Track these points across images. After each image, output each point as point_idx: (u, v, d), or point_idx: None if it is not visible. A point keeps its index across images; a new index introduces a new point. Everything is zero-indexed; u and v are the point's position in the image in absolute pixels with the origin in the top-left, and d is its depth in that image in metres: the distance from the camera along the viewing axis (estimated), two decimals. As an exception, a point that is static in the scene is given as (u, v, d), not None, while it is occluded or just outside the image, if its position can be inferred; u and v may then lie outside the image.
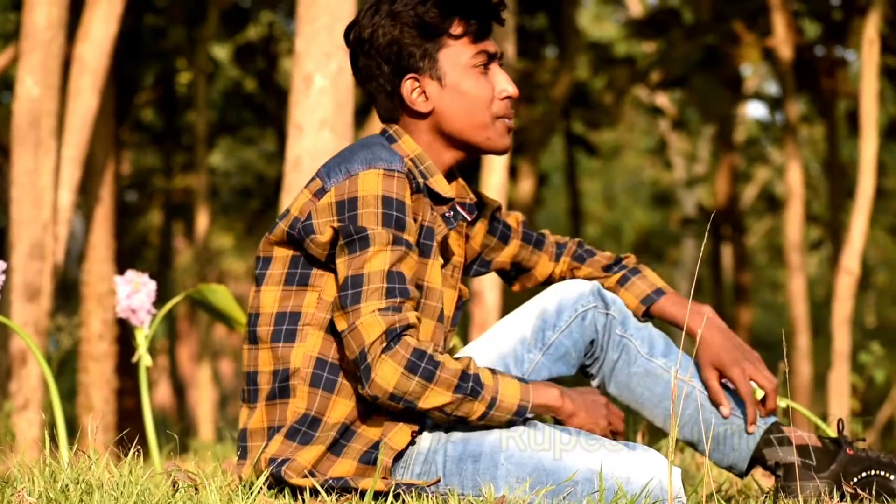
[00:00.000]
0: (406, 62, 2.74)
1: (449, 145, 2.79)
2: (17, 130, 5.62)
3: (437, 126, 2.77)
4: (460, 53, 2.76)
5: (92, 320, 7.61)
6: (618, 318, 2.90)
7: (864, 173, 7.55)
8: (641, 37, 11.34)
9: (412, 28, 2.73)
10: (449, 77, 2.75)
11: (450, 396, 2.58)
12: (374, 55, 2.74)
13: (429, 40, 2.74)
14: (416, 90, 2.75)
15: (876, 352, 5.56)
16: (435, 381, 2.57)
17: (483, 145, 2.80)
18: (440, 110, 2.76)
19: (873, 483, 2.86)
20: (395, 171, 2.64)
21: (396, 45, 2.73)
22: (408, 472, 2.71)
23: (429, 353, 2.56)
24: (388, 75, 2.75)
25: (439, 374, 2.57)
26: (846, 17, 9.84)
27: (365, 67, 2.77)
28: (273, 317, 2.72)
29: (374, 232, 2.60)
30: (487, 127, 2.78)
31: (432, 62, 2.75)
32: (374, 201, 2.62)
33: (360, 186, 2.63)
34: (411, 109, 2.76)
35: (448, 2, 2.74)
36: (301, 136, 4.40)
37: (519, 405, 2.64)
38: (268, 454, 2.68)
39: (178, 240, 16.56)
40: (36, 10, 5.65)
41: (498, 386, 2.63)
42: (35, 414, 5.50)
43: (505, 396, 2.63)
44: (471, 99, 2.76)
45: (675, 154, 17.04)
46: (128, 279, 3.62)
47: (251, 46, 11.86)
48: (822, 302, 15.85)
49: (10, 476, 2.81)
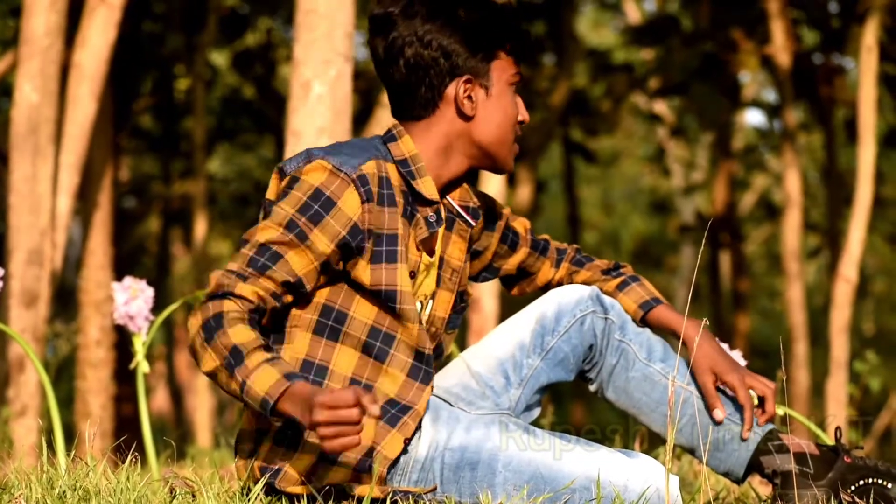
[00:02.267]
0: (464, 63, 2.76)
1: (467, 153, 2.80)
2: (16, 137, 5.62)
3: (469, 132, 2.78)
4: (506, 69, 2.80)
5: (90, 327, 7.61)
6: (616, 322, 2.90)
7: (863, 181, 7.56)
8: (640, 44, 11.35)
9: (475, 33, 2.76)
10: (495, 89, 2.79)
11: (216, 363, 2.51)
12: (435, 48, 2.74)
13: (486, 49, 2.77)
14: (467, 92, 2.76)
15: (871, 360, 5.56)
16: (211, 344, 2.51)
17: (500, 161, 2.83)
18: (481, 118, 2.78)
19: (871, 491, 2.86)
20: (342, 172, 2.64)
21: (458, 45, 2.75)
22: (405, 479, 2.71)
23: (226, 318, 2.52)
24: (442, 70, 2.76)
25: (216, 338, 2.51)
26: (844, 25, 9.84)
27: (418, 57, 2.75)
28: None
29: (280, 210, 2.63)
30: (509, 144, 2.82)
31: (486, 70, 2.77)
32: (307, 188, 2.64)
33: (306, 171, 2.66)
34: (457, 110, 2.77)
35: (507, 19, 2.79)
36: (299, 143, 4.40)
37: (263, 398, 2.47)
38: (259, 462, 2.67)
39: (176, 246, 16.56)
40: (34, 16, 5.66)
41: (253, 373, 2.48)
42: (32, 420, 5.50)
43: (255, 384, 2.48)
44: (506, 115, 2.80)
45: (673, 161, 17.05)
46: (126, 286, 3.62)
47: (250, 53, 11.86)
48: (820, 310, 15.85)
49: (8, 482, 2.81)
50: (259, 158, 15.18)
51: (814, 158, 16.81)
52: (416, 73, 2.75)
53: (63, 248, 5.99)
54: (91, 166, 7.32)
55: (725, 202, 12.55)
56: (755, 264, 20.33)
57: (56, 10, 5.68)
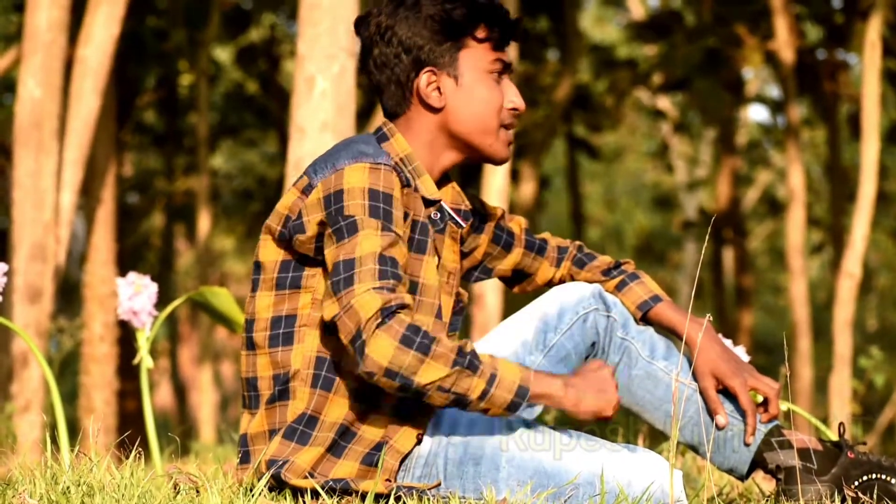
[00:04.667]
0: (427, 55, 2.75)
1: (450, 146, 2.80)
2: (19, 132, 5.62)
3: (445, 124, 2.77)
4: (480, 57, 2.78)
5: (93, 322, 7.61)
6: (619, 320, 2.89)
7: (866, 177, 7.56)
8: (643, 40, 11.35)
9: (438, 24, 2.75)
10: (465, 77, 2.77)
11: (447, 370, 2.53)
12: (396, 44, 2.75)
13: (452, 38, 2.76)
14: (432, 84, 2.76)
15: (875, 356, 5.56)
16: (431, 354, 2.52)
17: (485, 151, 2.81)
18: (451, 108, 2.77)
19: (874, 487, 2.86)
20: (380, 165, 2.65)
21: (419, 38, 2.75)
22: (408, 474, 2.71)
23: (424, 329, 2.53)
24: (405, 66, 2.76)
25: (435, 347, 2.53)
26: (848, 21, 9.84)
27: (382, 56, 2.77)
28: (269, 322, 2.72)
29: (362, 219, 2.60)
30: (492, 133, 2.80)
31: (452, 60, 2.76)
32: (361, 193, 2.62)
33: (346, 180, 2.63)
34: (424, 102, 2.76)
35: (476, 6, 2.77)
36: (303, 139, 4.40)
37: (520, 385, 2.58)
38: (267, 455, 2.67)
39: (179, 242, 16.56)
40: (38, 11, 5.66)
41: (497, 364, 2.59)
42: (36, 416, 5.51)
43: (505, 374, 2.58)
44: (483, 103, 2.78)
45: (676, 157, 17.05)
46: (129, 281, 3.62)
47: (253, 48, 11.87)
48: (824, 305, 15.85)
49: (12, 478, 2.81)
50: (262, 154, 15.19)
51: (817, 154, 16.81)
52: (384, 71, 2.77)
53: (66, 244, 5.99)
54: (94, 162, 7.32)
55: (729, 198, 12.55)
56: (758, 260, 20.33)
57: (59, 6, 5.68)
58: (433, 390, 2.55)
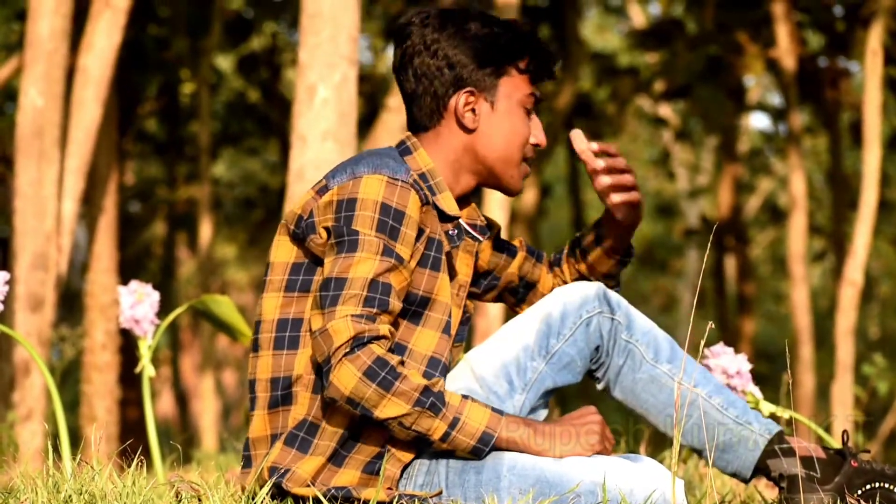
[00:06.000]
0: (469, 75, 2.77)
1: (471, 169, 2.81)
2: (21, 141, 5.62)
3: (472, 146, 2.79)
4: (518, 87, 2.80)
5: (95, 331, 7.61)
6: (623, 322, 2.89)
7: (868, 184, 7.56)
8: (644, 47, 11.35)
9: (485, 47, 2.77)
10: (501, 105, 2.79)
11: (407, 408, 2.56)
12: (441, 58, 2.76)
13: (496, 64, 2.78)
14: (469, 104, 2.78)
15: (879, 363, 5.56)
16: (393, 390, 2.54)
17: (504, 180, 2.83)
18: (483, 132, 2.79)
19: (877, 495, 2.85)
20: (398, 180, 2.65)
21: (465, 56, 2.76)
22: (410, 482, 2.71)
23: (392, 364, 2.55)
24: (446, 81, 2.77)
25: (398, 384, 2.55)
26: (849, 28, 9.85)
27: (423, 66, 2.77)
28: (275, 324, 2.72)
29: (366, 237, 2.61)
30: (515, 164, 2.83)
31: (492, 85, 2.78)
32: (373, 206, 2.63)
33: (362, 189, 2.64)
34: (457, 121, 2.77)
35: (523, 36, 2.80)
36: (304, 147, 4.40)
37: (484, 431, 2.61)
38: (269, 462, 2.67)
39: (181, 250, 16.56)
40: (39, 20, 5.66)
41: (464, 409, 2.61)
42: (38, 424, 5.50)
43: (471, 419, 2.60)
44: (513, 133, 2.80)
45: (678, 165, 17.05)
46: (131, 289, 3.62)
47: (254, 57, 11.88)
48: (826, 313, 15.83)
49: (14, 487, 2.81)
50: (264, 162, 15.19)
51: (819, 162, 16.81)
52: (422, 82, 2.78)
53: (68, 252, 5.99)
54: (96, 170, 7.33)
55: (730, 205, 12.54)
56: (760, 268, 20.32)
57: (61, 14, 5.68)
58: (394, 425, 2.59)
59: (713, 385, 2.93)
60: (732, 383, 3.35)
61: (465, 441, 2.61)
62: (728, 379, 3.35)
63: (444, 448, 2.62)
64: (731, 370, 3.35)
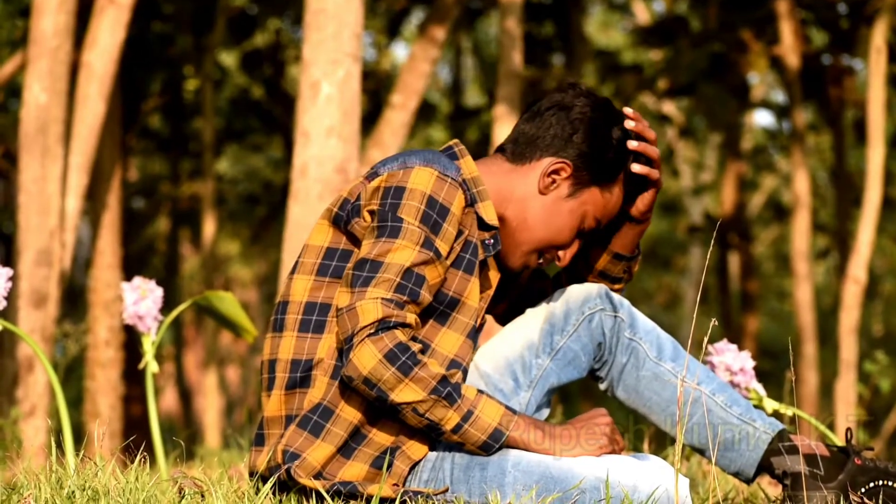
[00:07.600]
0: (577, 159, 2.78)
1: (502, 214, 2.81)
2: (25, 137, 5.63)
3: (524, 202, 2.80)
4: (595, 205, 2.81)
5: (98, 327, 7.62)
6: (626, 320, 2.90)
7: (872, 182, 7.55)
8: (648, 45, 11.34)
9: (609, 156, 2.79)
10: (573, 202, 2.80)
11: (423, 395, 2.57)
12: (575, 127, 2.78)
13: (603, 176, 2.80)
14: (558, 175, 2.79)
15: (881, 361, 5.55)
16: (411, 376, 2.56)
17: (510, 248, 2.82)
18: (542, 202, 2.80)
19: (881, 493, 2.85)
20: (448, 177, 2.67)
21: (589, 147, 2.78)
22: (415, 478, 2.71)
23: (413, 350, 2.57)
24: (561, 143, 2.79)
25: (417, 370, 2.56)
26: (853, 26, 9.83)
27: (559, 119, 2.80)
28: (302, 306, 2.73)
29: (409, 226, 2.63)
30: (532, 249, 2.82)
31: (584, 182, 2.79)
32: (420, 197, 2.64)
33: (412, 179, 2.66)
34: (539, 175, 2.78)
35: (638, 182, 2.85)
36: (308, 144, 4.40)
37: (496, 428, 2.63)
38: (282, 445, 2.68)
39: (184, 246, 16.57)
40: (43, 17, 5.66)
41: (479, 403, 2.62)
42: (41, 420, 5.51)
43: (484, 413, 2.62)
44: (558, 229, 2.81)
45: (682, 162, 17.04)
46: (135, 286, 3.62)
47: (258, 53, 11.86)
48: (829, 311, 15.83)
49: (17, 482, 2.81)
50: (267, 159, 15.19)
51: (822, 159, 16.79)
52: (549, 130, 2.79)
53: (72, 249, 5.99)
54: (100, 166, 7.33)
55: (734, 203, 12.54)
56: (764, 265, 20.31)
57: (65, 11, 5.68)
58: (408, 411, 2.59)
59: (716, 383, 2.93)
60: (736, 380, 3.35)
61: (475, 435, 2.62)
62: (731, 376, 3.35)
63: (454, 440, 2.63)
64: (734, 367, 3.35)
